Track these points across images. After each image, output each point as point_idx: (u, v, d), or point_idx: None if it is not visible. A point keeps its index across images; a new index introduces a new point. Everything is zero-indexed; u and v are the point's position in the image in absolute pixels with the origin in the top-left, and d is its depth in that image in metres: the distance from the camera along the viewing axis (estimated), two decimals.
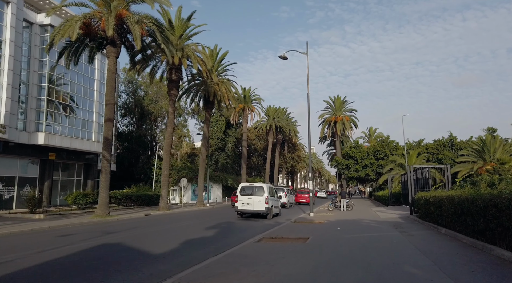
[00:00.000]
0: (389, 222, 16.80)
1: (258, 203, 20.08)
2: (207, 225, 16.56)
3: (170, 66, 30.20)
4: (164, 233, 13.65)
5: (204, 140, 38.63)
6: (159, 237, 12.44)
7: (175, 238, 11.88)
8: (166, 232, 14.21)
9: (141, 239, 11.96)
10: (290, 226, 15.52)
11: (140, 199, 33.03)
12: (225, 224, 17.19)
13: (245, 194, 20.58)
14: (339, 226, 14.93)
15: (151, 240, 11.65)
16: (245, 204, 20.29)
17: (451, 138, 51.36)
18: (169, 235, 12.94)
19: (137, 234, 13.30)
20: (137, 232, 13.90)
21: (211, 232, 13.74)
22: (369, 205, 36.16)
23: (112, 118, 23.13)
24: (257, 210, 20.17)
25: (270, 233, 12.81)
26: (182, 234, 13.36)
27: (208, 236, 12.51)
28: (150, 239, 11.90)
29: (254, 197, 20.21)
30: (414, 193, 19.42)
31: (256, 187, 20.77)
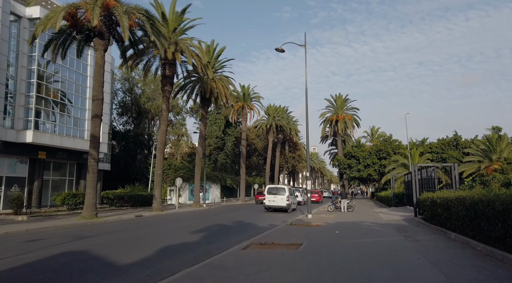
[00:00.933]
0: (392, 225, 15.55)
1: (281, 200, 25.48)
2: (196, 228, 15.36)
3: (164, 61, 29.02)
4: (144, 238, 12.46)
5: (200, 139, 37.43)
6: (136, 243, 11.24)
7: (153, 244, 10.68)
8: (146, 236, 13.01)
9: (115, 245, 10.78)
10: (285, 229, 14.30)
11: (133, 200, 31.87)
12: (216, 227, 15.98)
13: (271, 193, 26.01)
14: (338, 229, 13.70)
15: (125, 247, 10.46)
16: (271, 201, 25.85)
17: (456, 138, 49.97)
18: (148, 240, 11.74)
19: (114, 239, 12.12)
20: (115, 236, 12.72)
21: (197, 236, 12.53)
22: (371, 205, 34.88)
23: (100, 115, 21.96)
24: (280, 206, 25.61)
25: (261, 237, 11.60)
26: (163, 238, 12.16)
27: (191, 241, 11.30)
28: (124, 245, 10.71)
29: (278, 196, 25.30)
30: (419, 194, 18.17)
31: (280, 188, 26.02)
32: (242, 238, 11.79)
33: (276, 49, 21.69)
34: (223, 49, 36.70)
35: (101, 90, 21.97)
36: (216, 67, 36.92)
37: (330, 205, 26.84)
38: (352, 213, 23.41)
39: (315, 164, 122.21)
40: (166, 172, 48.16)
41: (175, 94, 36.87)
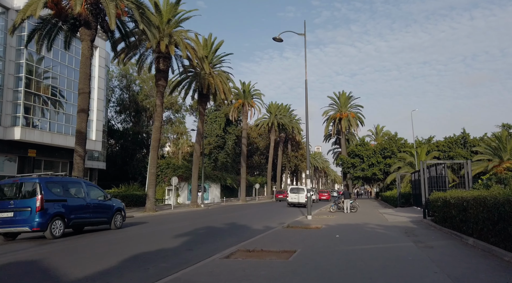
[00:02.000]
0: (399, 227, 14.09)
1: (301, 198, 32.42)
2: (183, 231, 13.97)
3: (158, 54, 27.71)
4: (119, 243, 11.09)
5: (198, 136, 36.08)
6: (106, 249, 9.87)
7: (124, 251, 9.30)
8: (123, 240, 11.64)
9: (80, 252, 9.43)
10: (280, 232, 12.88)
11: (127, 199, 30.45)
12: (205, 230, 14.59)
13: (293, 192, 33.78)
14: (338, 233, 12.26)
15: (90, 255, 9.09)
16: (293, 198, 33.49)
17: (464, 135, 48.26)
18: (122, 246, 10.37)
19: (84, 245, 10.78)
20: (83, 242, 11.37)
21: (179, 241, 11.14)
22: (376, 206, 33.35)
23: (86, 109, 20.67)
24: (300, 202, 32.46)
25: (250, 243, 10.19)
26: (140, 243, 10.80)
27: (169, 247, 9.91)
28: (87, 254, 9.34)
29: (298, 194, 31.89)
30: (428, 193, 16.67)
31: (300, 188, 33.23)
32: (229, 243, 10.39)
33: (274, 39, 20.30)
34: (221, 43, 35.34)
35: (87, 83, 20.67)
36: (214, 62, 35.55)
37: (333, 205, 25.38)
38: (356, 214, 21.94)
39: (319, 163, 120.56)
40: (164, 171, 46.96)
41: (171, 91, 35.59)
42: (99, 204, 14.58)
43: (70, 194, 13.51)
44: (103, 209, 14.66)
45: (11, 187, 12.60)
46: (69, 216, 12.77)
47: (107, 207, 14.89)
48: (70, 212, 12.83)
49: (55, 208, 12.25)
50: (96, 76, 35.74)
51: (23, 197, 12.18)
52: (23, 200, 12.06)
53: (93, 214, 14.06)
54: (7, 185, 12.78)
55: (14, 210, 11.90)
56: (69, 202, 12.99)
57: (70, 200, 13.17)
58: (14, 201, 12.06)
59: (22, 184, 12.42)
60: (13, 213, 11.86)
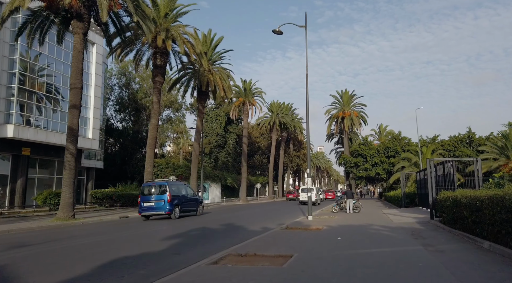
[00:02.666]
0: (405, 229, 13.20)
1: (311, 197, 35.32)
2: (174, 232, 13.16)
3: (155, 50, 26.98)
4: (102, 246, 10.27)
5: (197, 135, 35.29)
6: (85, 253, 9.05)
7: (104, 255, 8.47)
8: (107, 243, 10.83)
9: (54, 256, 8.63)
10: (277, 234, 12.02)
11: (123, 199, 29.78)
12: (198, 231, 13.76)
13: (304, 192, 35.88)
14: (340, 235, 11.39)
15: (65, 259, 8.29)
16: (304, 197, 34.85)
17: (470, 135, 47.26)
18: (103, 249, 9.54)
19: (63, 247, 9.99)
20: (69, 244, 10.58)
21: (167, 243, 10.30)
22: (380, 206, 32.43)
23: (78, 105, 19.87)
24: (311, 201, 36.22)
25: (244, 246, 9.35)
26: (124, 247, 9.98)
27: (155, 251, 9.07)
28: (65, 257, 8.54)
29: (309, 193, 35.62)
30: (435, 192, 15.76)
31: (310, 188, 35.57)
32: (221, 246, 9.54)
33: (273, 31, 19.45)
34: (221, 39, 34.52)
35: (79, 78, 19.88)
36: (213, 58, 34.74)
37: (335, 206, 24.51)
38: (359, 215, 21.06)
39: (321, 163, 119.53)
40: (164, 170, 46.22)
41: (170, 88, 34.83)
42: (193, 198, 22.23)
43: (180, 192, 20.64)
44: (195, 202, 22.25)
45: (151, 187, 19.75)
46: (182, 205, 20.11)
47: (196, 200, 22.63)
48: (182, 203, 20.23)
49: (176, 201, 19.52)
50: (93, 73, 35.01)
51: (158, 193, 19.31)
52: (159, 195, 19.18)
53: (191, 205, 21.63)
54: (148, 186, 19.94)
55: (154, 201, 19.13)
56: (181, 197, 20.32)
57: (181, 196, 20.48)
58: (154, 196, 19.23)
59: (158, 186, 19.70)
60: (154, 203, 19.11)
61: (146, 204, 19.16)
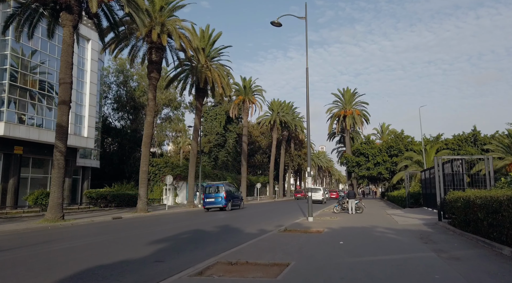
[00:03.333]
0: (413, 232, 12.28)
1: (319, 196, 38.39)
2: (164, 235, 12.27)
3: (150, 45, 26.10)
4: (76, 252, 9.38)
5: (195, 133, 34.38)
6: (54, 262, 8.16)
7: (75, 264, 7.59)
8: (84, 249, 9.95)
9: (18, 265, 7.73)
10: (274, 237, 11.11)
11: (118, 199, 28.92)
12: (189, 234, 12.86)
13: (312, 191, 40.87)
14: (342, 239, 10.47)
15: (31, 268, 7.41)
16: (312, 196, 41.42)
17: (474, 133, 46.18)
18: (77, 257, 8.64)
19: (37, 253, 9.11)
20: (39, 250, 9.69)
21: (152, 249, 9.40)
22: (382, 206, 31.48)
23: (68, 101, 19.02)
24: (318, 199, 37.81)
25: (236, 251, 8.44)
26: (101, 253, 9.09)
27: (135, 258, 8.17)
28: (33, 265, 7.66)
29: (316, 193, 37.42)
30: (444, 192, 14.83)
31: (317, 188, 40.35)
32: (211, 252, 8.64)
33: (272, 23, 18.50)
34: (219, 35, 33.58)
35: (69, 73, 19.00)
36: (211, 54, 33.81)
37: (336, 206, 23.58)
38: (361, 215, 20.13)
39: (322, 163, 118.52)
40: (162, 169, 45.43)
41: (167, 85, 33.93)
42: (238, 195, 29.89)
43: (231, 191, 27.70)
44: (238, 198, 29.28)
45: (211, 187, 26.77)
46: (232, 200, 27.01)
47: (240, 197, 30.04)
48: (232, 199, 27.14)
49: (229, 197, 26.36)
50: (88, 70, 34.14)
51: (217, 192, 26.09)
52: (218, 193, 25.94)
53: (237, 200, 28.80)
54: (209, 186, 27.06)
55: (214, 198, 25.85)
56: (232, 195, 27.40)
57: (232, 194, 27.49)
58: (214, 194, 25.98)
59: (216, 186, 26.61)
60: (214, 199, 25.80)
61: (208, 200, 26.13)
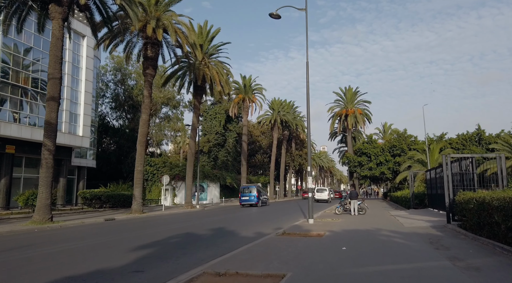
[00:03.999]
0: (421, 235, 11.39)
1: (324, 196, 43.37)
2: (151, 240, 11.42)
3: (145, 40, 25.26)
4: (51, 259, 8.51)
5: (193, 132, 33.51)
6: (21, 270, 7.31)
7: (42, 274, 6.73)
8: (60, 255, 9.08)
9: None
10: (271, 242, 10.23)
11: (113, 200, 28.08)
12: (180, 238, 12.00)
13: (318, 192, 43.80)
14: (345, 244, 9.59)
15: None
16: (319, 196, 42.90)
17: (479, 132, 45.21)
18: (49, 265, 7.77)
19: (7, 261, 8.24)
20: (10, 257, 8.83)
21: (134, 256, 8.53)
22: (385, 207, 30.55)
23: (57, 97, 18.17)
24: (324, 199, 43.18)
25: (227, 259, 7.57)
26: (76, 261, 8.23)
27: (113, 267, 7.30)
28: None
29: (322, 193, 43.06)
30: (453, 193, 13.92)
31: (323, 189, 44.70)
32: (199, 260, 7.78)
33: (270, 15, 17.69)
34: (217, 31, 32.71)
35: (58, 68, 18.16)
36: (210, 51, 32.95)
37: (338, 207, 22.67)
38: (364, 217, 19.23)
39: (324, 163, 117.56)
40: (160, 169, 44.63)
41: (164, 82, 33.08)
42: (265, 194, 36.67)
43: (260, 191, 34.38)
44: (266, 197, 36.84)
45: (246, 188, 33.40)
46: (262, 199, 33.86)
47: (266, 196, 36.79)
48: (261, 197, 33.72)
49: (260, 196, 33.24)
50: (83, 67, 33.30)
51: (250, 192, 32.97)
52: (250, 193, 32.85)
53: (264, 199, 35.71)
54: (244, 188, 33.65)
55: (248, 196, 32.75)
56: (261, 194, 34.01)
57: (261, 193, 34.24)
58: (248, 194, 32.81)
59: (249, 187, 33.57)
60: (248, 198, 32.69)
61: (244, 198, 33.37)
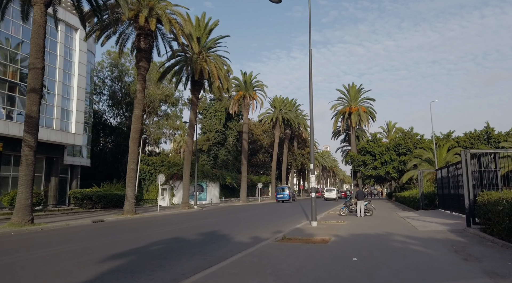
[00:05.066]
0: (441, 242, 9.92)
1: (333, 194, 50.78)
2: (131, 246, 10.02)
3: (138, 31, 23.85)
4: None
5: (190, 129, 32.12)
6: None
7: None
8: (16, 267, 7.68)
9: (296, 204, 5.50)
10: (267, 250, 8.78)
11: (105, 200, 26.71)
12: (162, 245, 10.58)
13: (327, 191, 52.39)
14: (355, 253, 8.13)
15: None
16: (328, 195, 50.73)
17: (488, 130, 43.68)
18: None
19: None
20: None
21: (103, 267, 7.12)
22: (392, 208, 29.07)
23: (39, 89, 16.77)
24: (332, 198, 49.98)
25: (211, 274, 6.14)
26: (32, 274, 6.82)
27: None
28: None
29: (331, 193, 50.51)
30: (474, 193, 12.44)
31: (331, 189, 52.38)
32: (178, 274, 6.35)
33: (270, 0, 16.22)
34: (216, 23, 31.27)
35: (40, 57, 16.76)
36: (208, 44, 31.53)
37: (343, 208, 21.21)
38: (372, 219, 17.77)
39: (327, 162, 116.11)
40: (158, 168, 43.32)
41: (160, 77, 31.65)
42: (293, 193, 48.79)
43: (291, 190, 48.55)
44: (294, 195, 50.43)
45: (281, 188, 46.10)
46: (292, 196, 47.15)
47: (295, 194, 52.57)
48: (293, 196, 47.62)
49: (290, 194, 45.79)
50: (76, 62, 31.95)
51: (283, 190, 45.71)
52: (284, 192, 45.29)
53: (294, 197, 48.33)
54: (280, 188, 46.36)
55: (283, 194, 45.09)
56: (292, 192, 47.64)
57: (292, 192, 48.22)
58: (282, 192, 45.37)
59: (283, 187, 46.50)
60: (283, 195, 45.03)
61: (279, 196, 43.16)
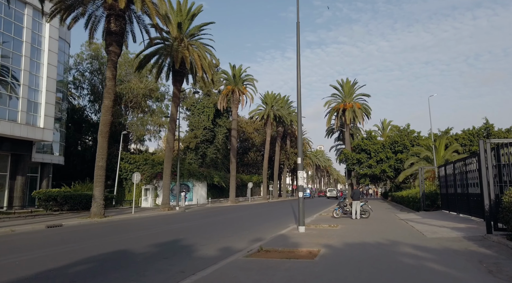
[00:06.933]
0: (461, 254, 7.57)
1: (333, 193, 66.38)
2: (51, 265, 7.56)
3: (108, 11, 21.34)
4: None
5: (171, 124, 29.59)
6: None
7: None
8: None
9: None
10: (234, 271, 6.36)
11: (72, 201, 24.13)
12: (91, 264, 8.13)
13: (330, 191, 70.34)
14: (351, 274, 5.74)
15: None
16: (330, 194, 67.23)
17: (487, 127, 41.57)
18: None
19: None
20: None
21: None
22: (389, 208, 26.78)
23: None
24: (333, 196, 62.71)
25: None
26: None
27: None
28: None
29: (332, 192, 67.76)
30: (494, 192, 10.12)
31: (333, 189, 73.25)
32: None
33: None
34: (199, 8, 28.77)
35: None
36: (190, 31, 29.02)
37: (336, 209, 18.88)
38: (369, 222, 15.43)
39: (321, 162, 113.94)
40: (141, 167, 40.78)
41: (138, 66, 29.03)
42: (313, 192, 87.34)
43: (311, 189, 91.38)
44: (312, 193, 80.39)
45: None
46: (312, 194, 79.17)
47: (313, 192, 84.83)
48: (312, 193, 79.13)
49: (310, 193, 73.32)
50: (45, 50, 29.18)
51: (305, 190, 63.83)
52: (306, 191, 67.75)
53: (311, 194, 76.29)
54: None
55: (305, 193, 59.19)
56: (312, 191, 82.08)
57: (312, 191, 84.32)
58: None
59: (304, 188, 59.70)
60: (306, 193, 63.27)
61: None
